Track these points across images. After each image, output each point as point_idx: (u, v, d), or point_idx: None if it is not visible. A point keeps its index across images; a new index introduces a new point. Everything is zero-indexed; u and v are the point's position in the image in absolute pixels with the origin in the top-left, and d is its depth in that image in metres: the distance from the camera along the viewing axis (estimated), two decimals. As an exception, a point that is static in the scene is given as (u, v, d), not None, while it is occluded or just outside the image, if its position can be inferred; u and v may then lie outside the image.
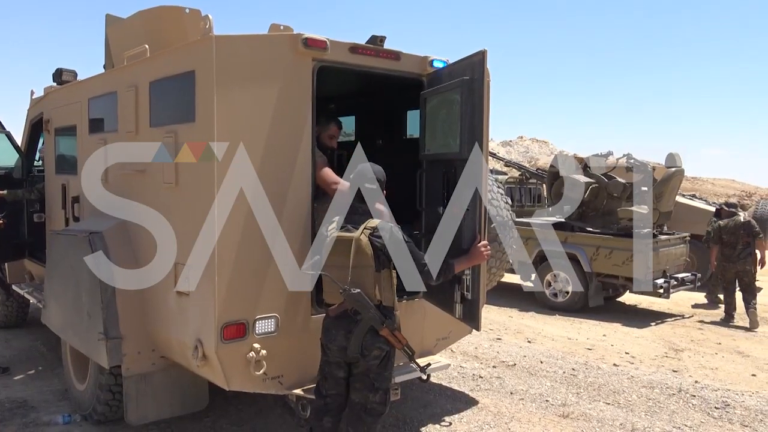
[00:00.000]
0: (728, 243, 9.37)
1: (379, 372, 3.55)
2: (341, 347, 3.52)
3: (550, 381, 6.25)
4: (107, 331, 4.23)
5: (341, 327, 3.52)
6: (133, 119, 4.43)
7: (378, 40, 4.34)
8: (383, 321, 3.48)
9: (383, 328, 3.47)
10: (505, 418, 5.21)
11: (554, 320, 9.24)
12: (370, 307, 3.44)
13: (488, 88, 5.01)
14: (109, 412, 4.70)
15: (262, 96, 3.78)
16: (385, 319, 3.49)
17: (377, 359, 3.53)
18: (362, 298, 3.42)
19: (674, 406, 5.65)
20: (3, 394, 5.48)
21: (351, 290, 3.41)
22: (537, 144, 43.69)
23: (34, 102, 6.89)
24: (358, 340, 3.46)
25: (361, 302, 3.43)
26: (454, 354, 7.05)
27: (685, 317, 9.77)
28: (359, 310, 3.46)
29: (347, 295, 3.43)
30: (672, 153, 9.79)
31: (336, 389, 3.65)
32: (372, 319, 3.46)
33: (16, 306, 7.53)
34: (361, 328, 3.46)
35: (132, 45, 4.63)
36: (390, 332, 3.50)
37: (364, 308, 3.45)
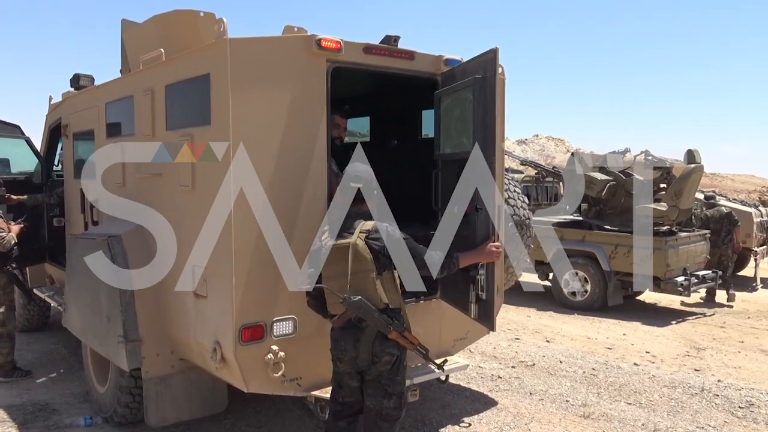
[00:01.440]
0: (714, 230, 10.67)
1: (390, 377, 3.47)
2: (351, 358, 3.44)
3: (570, 381, 6.19)
4: (126, 334, 4.25)
5: (349, 337, 3.43)
6: (150, 123, 4.46)
7: (392, 39, 4.32)
8: (390, 324, 3.39)
9: (392, 331, 3.39)
10: (525, 419, 5.16)
11: (573, 319, 9.16)
12: (373, 312, 3.35)
13: (502, 86, 5.01)
14: (129, 415, 4.73)
15: (277, 98, 3.78)
16: (393, 322, 3.41)
17: (388, 364, 3.45)
18: (364, 304, 3.33)
19: (697, 405, 5.57)
20: (25, 397, 5.54)
21: (351, 298, 3.32)
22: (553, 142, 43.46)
23: (52, 107, 6.97)
24: (367, 348, 3.39)
25: (364, 309, 3.34)
26: (472, 354, 7.01)
27: (706, 315, 9.64)
28: (363, 317, 3.37)
29: (348, 304, 3.34)
30: (691, 149, 9.67)
31: (352, 396, 3.59)
32: (378, 324, 3.37)
33: (38, 309, 7.61)
34: (368, 336, 3.38)
35: (148, 49, 4.66)
36: (399, 334, 3.42)
37: (367, 314, 3.35)
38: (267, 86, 3.75)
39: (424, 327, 4.61)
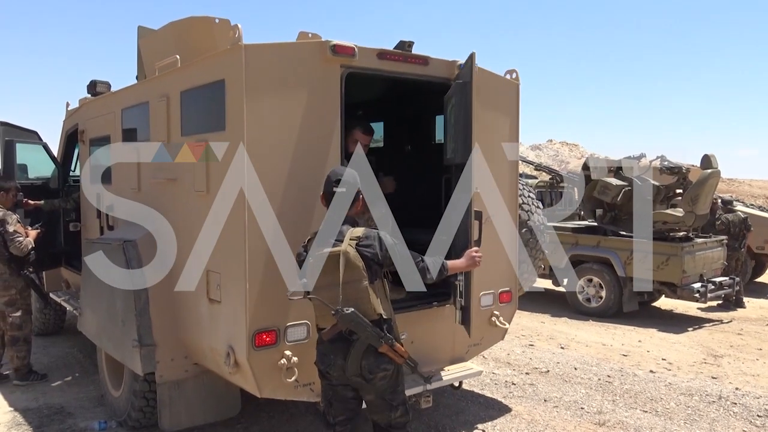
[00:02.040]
0: (733, 236, 10.73)
1: (392, 390, 3.36)
2: (341, 370, 3.29)
3: (585, 388, 6.13)
4: (141, 339, 4.28)
5: (339, 351, 3.27)
6: (165, 129, 4.49)
7: (406, 45, 4.32)
8: (381, 336, 3.21)
9: (382, 345, 3.22)
10: (539, 426, 5.12)
11: (587, 326, 9.08)
12: (366, 325, 3.18)
13: (516, 91, 5.00)
14: (143, 419, 4.75)
15: (292, 104, 3.79)
16: (384, 335, 3.23)
17: (384, 380, 3.30)
18: (357, 317, 3.16)
19: (714, 414, 5.49)
20: (41, 401, 5.59)
21: (344, 310, 3.14)
22: (567, 147, 43.27)
23: (69, 113, 7.04)
24: (356, 360, 3.22)
25: (357, 321, 3.16)
26: (486, 360, 6.97)
27: (723, 322, 9.53)
28: (355, 330, 3.19)
29: (341, 317, 3.15)
30: (707, 154, 9.57)
31: (344, 414, 3.43)
32: (369, 337, 3.20)
33: (53, 314, 7.68)
34: (357, 349, 3.22)
35: (163, 56, 4.70)
36: (390, 347, 3.24)
37: (360, 327, 3.18)
38: (281, 92, 3.76)
39: (439, 332, 4.60)
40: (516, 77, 5.02)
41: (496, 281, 4.93)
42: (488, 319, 4.93)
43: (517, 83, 5.03)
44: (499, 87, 4.92)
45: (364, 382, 3.27)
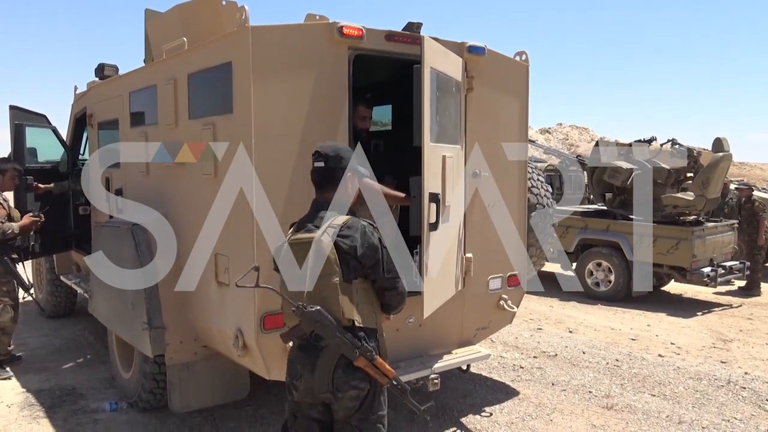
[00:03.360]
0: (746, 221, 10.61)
1: (363, 418, 2.74)
2: (308, 387, 2.74)
3: (593, 372, 6.13)
4: (150, 321, 4.30)
5: (306, 360, 2.74)
6: (173, 112, 4.48)
7: (414, 26, 4.28)
8: (358, 347, 2.65)
9: (359, 358, 2.65)
10: (546, 409, 5.13)
11: (596, 310, 9.07)
12: (334, 329, 2.64)
13: (526, 73, 4.95)
14: (153, 400, 4.79)
15: (299, 86, 3.77)
16: (361, 345, 2.67)
17: (354, 401, 2.71)
18: (322, 317, 2.63)
19: (723, 398, 5.48)
20: (53, 382, 5.65)
21: (306, 308, 2.63)
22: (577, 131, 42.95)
23: (77, 97, 7.04)
24: (325, 373, 2.68)
25: (321, 323, 2.63)
26: (494, 344, 6.98)
27: (733, 307, 9.48)
28: (322, 334, 2.66)
29: (302, 315, 2.65)
30: (719, 138, 9.47)
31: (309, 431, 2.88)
32: (340, 345, 2.65)
33: (64, 296, 7.75)
34: (326, 359, 2.68)
35: (170, 38, 4.68)
36: (368, 362, 2.67)
37: (326, 331, 2.64)
38: (289, 74, 3.73)
39: (447, 316, 4.60)
40: (525, 59, 4.97)
41: (505, 265, 4.92)
42: (496, 302, 4.93)
43: (526, 65, 4.98)
44: (508, 69, 4.88)
45: (333, 397, 2.73)
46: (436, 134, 4.00)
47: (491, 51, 4.67)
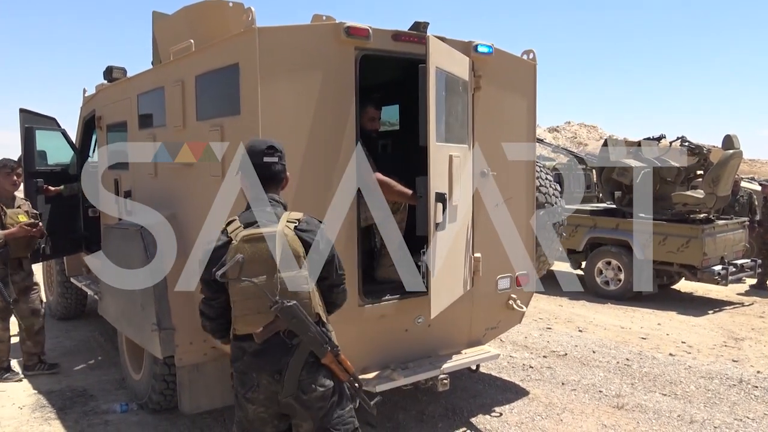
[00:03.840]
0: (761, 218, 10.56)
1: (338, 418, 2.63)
2: (270, 394, 2.57)
3: (603, 371, 6.10)
4: (160, 323, 4.32)
5: (267, 364, 2.56)
6: (181, 113, 4.49)
7: (421, 26, 4.26)
8: (326, 342, 2.57)
9: (327, 354, 2.57)
10: (557, 409, 5.11)
11: (606, 309, 9.02)
12: (310, 324, 2.54)
13: (533, 72, 4.94)
14: (163, 401, 4.81)
15: (306, 87, 3.77)
16: (328, 339, 2.60)
17: (323, 401, 2.59)
18: (299, 312, 2.51)
19: (735, 397, 5.44)
20: (64, 383, 5.68)
21: (285, 302, 2.49)
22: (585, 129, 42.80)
23: (86, 100, 7.08)
24: (294, 374, 2.53)
25: (299, 318, 2.51)
26: (503, 344, 6.96)
27: (744, 305, 9.41)
28: (296, 330, 2.52)
29: (281, 311, 2.49)
30: (729, 135, 9.40)
31: None
32: (311, 342, 2.54)
33: (75, 298, 7.79)
34: (298, 358, 2.54)
35: (178, 40, 4.69)
36: (334, 358, 2.60)
37: (303, 327, 2.52)
38: (296, 75, 3.74)
39: (456, 316, 4.59)
40: (533, 57, 4.95)
41: (513, 264, 4.90)
42: (505, 302, 4.92)
43: (534, 63, 4.96)
44: (516, 67, 4.86)
45: (297, 406, 2.58)
46: (443, 134, 4.00)
47: (498, 50, 4.65)
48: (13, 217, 5.76)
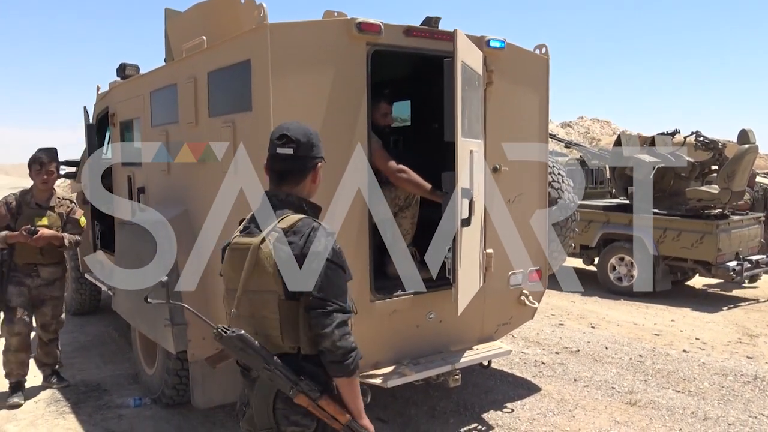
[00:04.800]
0: None
1: None
2: (250, 417, 2.30)
3: (616, 368, 6.07)
4: (173, 318, 4.34)
5: (248, 387, 2.29)
6: (193, 110, 4.51)
7: (432, 21, 4.26)
8: (296, 382, 2.13)
9: (298, 395, 2.13)
10: (569, 405, 5.09)
11: (619, 305, 8.97)
12: (261, 359, 2.15)
13: (546, 67, 4.90)
14: (176, 396, 4.84)
15: (318, 82, 3.77)
16: (299, 381, 2.14)
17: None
18: (245, 344, 2.15)
19: (749, 394, 5.39)
20: (78, 378, 5.74)
21: (227, 332, 2.16)
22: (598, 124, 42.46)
23: (100, 97, 7.13)
24: (263, 406, 2.20)
25: (245, 351, 2.15)
26: (515, 340, 6.94)
27: (759, 301, 9.32)
28: (249, 365, 2.20)
29: (221, 340, 2.19)
30: (745, 129, 9.30)
31: None
32: (274, 378, 2.15)
33: (89, 294, 7.87)
34: (260, 392, 2.20)
35: (190, 37, 4.71)
36: (311, 402, 2.14)
37: (251, 361, 2.17)
38: (307, 71, 3.74)
39: (468, 312, 4.58)
40: (546, 52, 4.92)
41: (526, 260, 4.88)
42: (517, 298, 4.90)
43: (546, 58, 4.94)
44: (528, 62, 4.83)
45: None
46: (465, 129, 4.01)
47: (511, 45, 4.63)
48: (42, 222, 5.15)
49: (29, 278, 5.21)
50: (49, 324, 5.39)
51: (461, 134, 3.84)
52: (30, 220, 5.11)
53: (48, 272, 5.29)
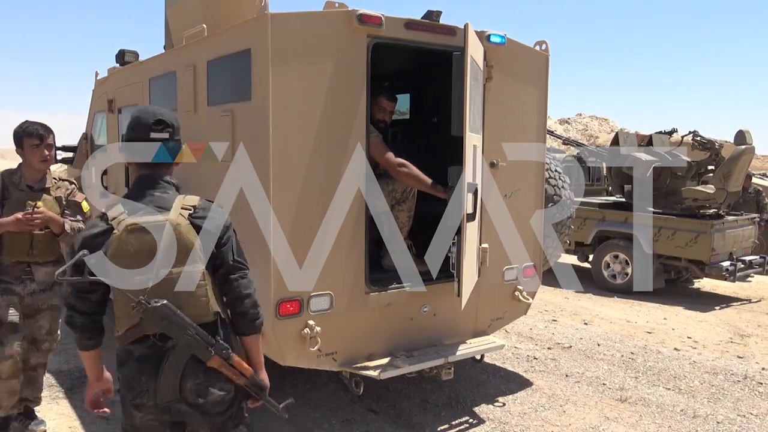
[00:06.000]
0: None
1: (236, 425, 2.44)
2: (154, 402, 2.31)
3: (608, 364, 6.11)
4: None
5: (152, 369, 2.30)
6: (192, 98, 4.51)
7: (434, 15, 4.25)
8: (212, 344, 2.28)
9: (213, 357, 2.29)
10: (560, 401, 5.13)
11: (612, 302, 9.02)
12: (187, 326, 2.25)
13: (545, 63, 4.91)
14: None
15: (318, 73, 3.77)
16: (215, 341, 2.30)
17: (221, 406, 2.35)
18: (170, 312, 2.22)
19: (739, 393, 5.44)
20: (72, 363, 5.73)
21: (150, 303, 2.21)
22: (597, 121, 42.47)
23: (98, 83, 7.10)
24: (171, 377, 2.27)
25: (170, 320, 2.22)
26: (508, 335, 6.97)
27: (752, 301, 9.38)
28: (170, 334, 2.25)
29: (145, 312, 2.21)
30: (742, 130, 9.33)
31: None
32: (192, 345, 2.25)
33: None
34: (174, 361, 2.26)
35: (190, 25, 4.70)
36: (224, 362, 2.32)
37: (175, 329, 2.24)
38: (307, 61, 3.74)
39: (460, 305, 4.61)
40: (545, 49, 4.93)
41: (520, 256, 4.91)
42: (511, 293, 4.93)
43: (546, 55, 4.94)
44: (528, 58, 4.84)
45: (193, 411, 2.32)
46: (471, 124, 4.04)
47: (511, 40, 4.64)
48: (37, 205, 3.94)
49: (21, 284, 4.02)
50: (42, 341, 4.17)
51: (469, 128, 3.87)
52: (20, 204, 3.89)
53: (44, 273, 4.05)
